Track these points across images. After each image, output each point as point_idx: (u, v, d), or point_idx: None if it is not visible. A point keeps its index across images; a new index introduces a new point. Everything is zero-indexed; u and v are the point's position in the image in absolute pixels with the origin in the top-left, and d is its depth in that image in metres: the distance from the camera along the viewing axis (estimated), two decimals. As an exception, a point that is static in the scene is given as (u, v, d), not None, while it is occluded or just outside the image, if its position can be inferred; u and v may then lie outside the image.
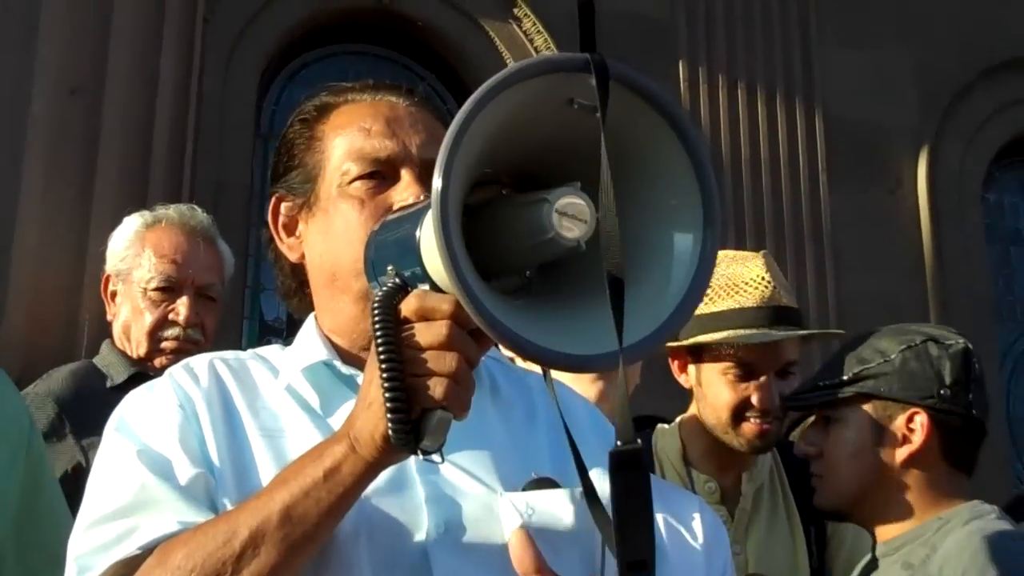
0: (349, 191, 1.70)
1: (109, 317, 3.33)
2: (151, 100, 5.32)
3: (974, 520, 2.37)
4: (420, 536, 1.52)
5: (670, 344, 2.89)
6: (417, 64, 6.95)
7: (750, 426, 2.82)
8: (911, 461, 2.44)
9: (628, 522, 1.28)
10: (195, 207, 3.41)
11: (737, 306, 2.83)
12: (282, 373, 1.71)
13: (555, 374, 1.77)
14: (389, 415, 1.31)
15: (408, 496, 1.55)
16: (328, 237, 1.71)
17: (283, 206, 1.80)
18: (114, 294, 3.30)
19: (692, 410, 2.99)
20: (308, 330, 1.77)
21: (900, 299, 7.14)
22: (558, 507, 1.58)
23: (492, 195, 1.44)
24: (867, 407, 2.47)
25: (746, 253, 3.02)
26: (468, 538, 1.53)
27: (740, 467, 2.92)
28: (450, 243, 1.24)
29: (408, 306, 1.35)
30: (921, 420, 2.44)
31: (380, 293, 1.37)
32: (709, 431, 2.89)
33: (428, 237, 1.35)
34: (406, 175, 1.68)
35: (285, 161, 1.81)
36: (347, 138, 1.73)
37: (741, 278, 2.89)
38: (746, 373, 2.82)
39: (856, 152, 7.27)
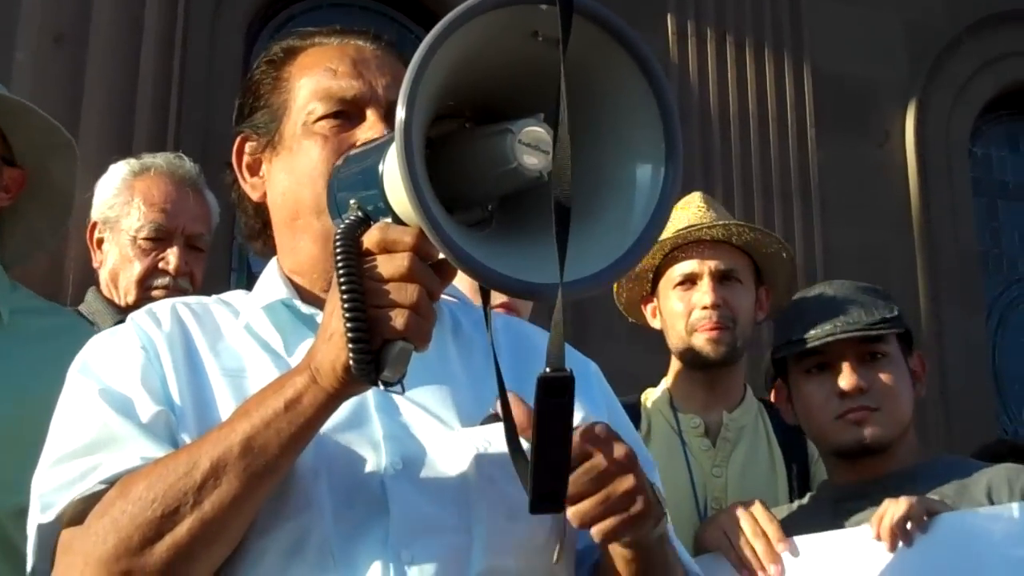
0: (314, 129, 1.71)
1: (95, 264, 3.29)
2: (135, 49, 5.30)
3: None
4: (378, 471, 1.54)
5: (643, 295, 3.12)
6: (405, 17, 6.91)
7: (701, 333, 2.96)
8: (917, 398, 2.59)
9: (545, 452, 1.32)
10: (182, 156, 3.38)
11: (674, 229, 2.97)
12: (242, 313, 1.72)
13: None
14: (350, 345, 1.33)
15: (366, 433, 1.57)
16: (291, 175, 1.72)
17: (248, 146, 1.81)
18: (100, 241, 3.26)
19: (672, 361, 3.12)
20: (270, 271, 1.78)
21: (888, 252, 7.18)
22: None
23: (455, 128, 1.44)
24: (896, 346, 2.61)
25: (686, 197, 3.18)
26: (425, 473, 1.56)
27: (723, 405, 3.03)
28: (413, 170, 1.25)
29: (370, 238, 1.37)
30: (923, 361, 2.64)
31: (342, 226, 1.38)
32: (687, 368, 3.03)
33: (391, 168, 1.36)
34: (371, 115, 1.69)
35: (251, 102, 1.81)
36: (313, 78, 1.74)
37: (679, 209, 3.06)
38: (689, 282, 2.98)
39: (844, 106, 7.27)
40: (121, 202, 3.19)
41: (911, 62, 7.55)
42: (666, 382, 3.12)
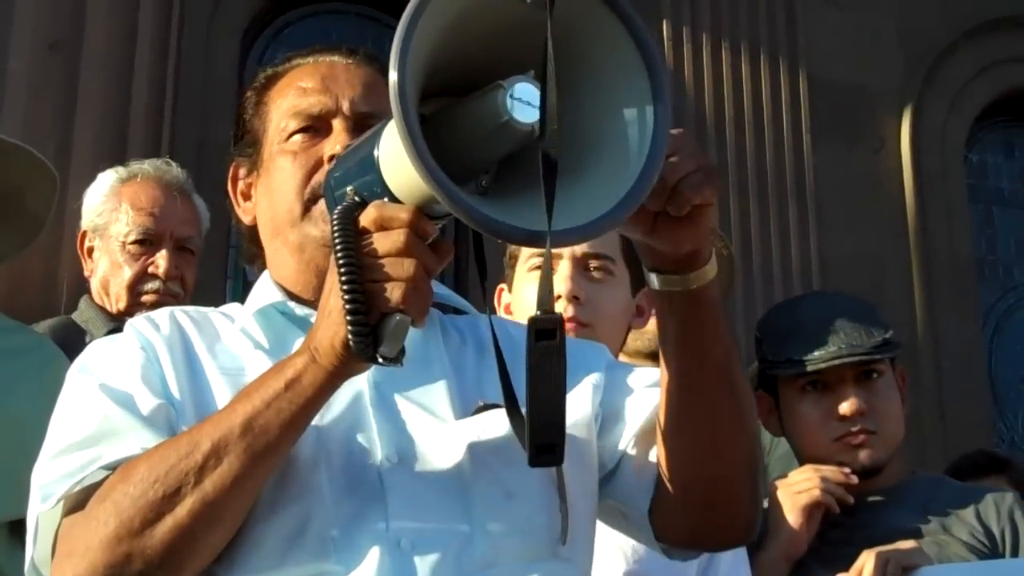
0: (286, 147, 1.76)
1: (86, 273, 3.32)
2: (130, 56, 5.31)
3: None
4: (374, 464, 1.56)
5: None
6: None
7: (651, 322, 2.86)
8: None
9: (540, 401, 1.34)
10: (170, 161, 3.42)
11: None
12: (237, 319, 1.75)
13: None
14: (348, 318, 1.35)
15: (362, 429, 1.59)
16: (269, 193, 1.77)
17: (240, 172, 1.86)
18: (91, 250, 3.29)
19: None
20: (262, 280, 1.81)
21: (883, 259, 7.17)
22: (508, 428, 1.60)
23: (447, 104, 1.45)
24: (888, 364, 2.62)
25: None
26: (420, 465, 1.58)
27: None
28: (411, 125, 1.26)
29: (367, 216, 1.39)
30: (904, 375, 2.65)
31: (339, 208, 1.41)
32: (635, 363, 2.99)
33: (388, 146, 1.39)
34: (337, 125, 1.74)
35: (238, 130, 1.87)
36: (286, 99, 1.79)
37: None
38: None
39: (840, 112, 7.26)
40: (109, 209, 3.22)
41: (907, 68, 7.55)
42: None
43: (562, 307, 2.39)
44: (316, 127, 1.75)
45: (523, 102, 1.32)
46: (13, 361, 2.50)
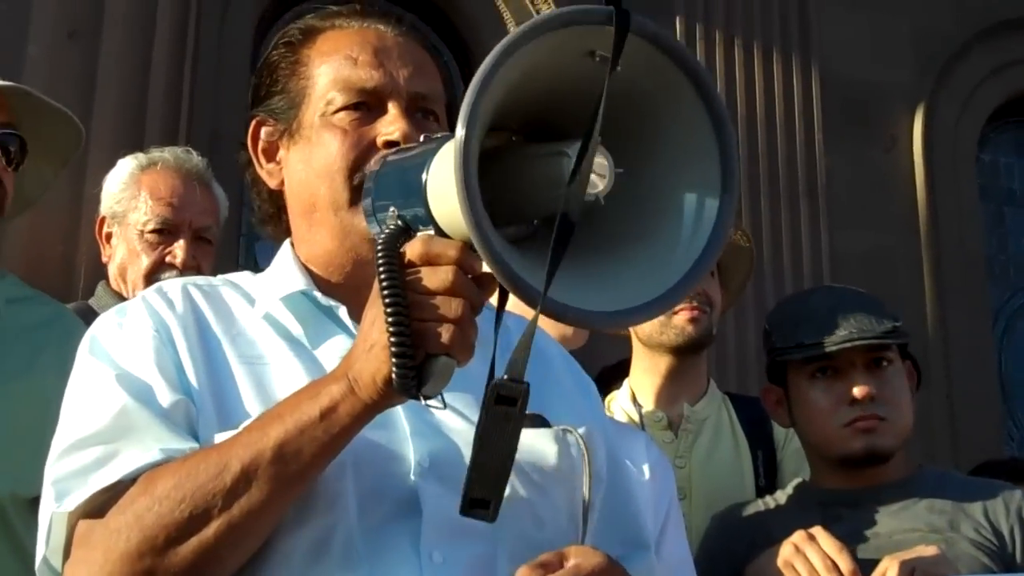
0: (333, 121, 1.67)
1: (104, 259, 3.33)
2: (148, 44, 5.29)
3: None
4: (406, 470, 1.53)
5: None
6: (415, 17, 6.90)
7: (681, 314, 2.95)
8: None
9: (486, 458, 1.31)
10: (190, 150, 3.40)
11: None
12: (259, 302, 1.69)
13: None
14: (394, 360, 1.31)
15: (393, 431, 1.55)
16: (309, 167, 1.69)
17: (263, 130, 1.77)
18: (109, 236, 3.29)
19: (635, 356, 3.12)
20: (284, 257, 1.75)
21: (894, 257, 7.16)
22: (542, 446, 1.59)
23: (501, 142, 1.42)
24: (898, 354, 2.62)
25: None
26: (453, 473, 1.50)
27: (685, 398, 3.05)
28: (471, 191, 1.23)
29: (413, 250, 1.34)
30: (914, 370, 2.64)
31: (383, 236, 1.36)
32: (657, 354, 3.03)
33: (438, 180, 1.34)
34: (393, 108, 1.66)
35: (268, 85, 1.77)
36: (333, 66, 1.70)
37: None
38: None
39: (852, 110, 7.25)
40: (128, 196, 3.23)
41: (919, 68, 7.54)
42: (628, 381, 3.12)
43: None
44: (368, 104, 1.67)
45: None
46: (34, 334, 2.50)
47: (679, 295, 1.35)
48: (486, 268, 1.35)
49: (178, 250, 3.18)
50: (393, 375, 1.31)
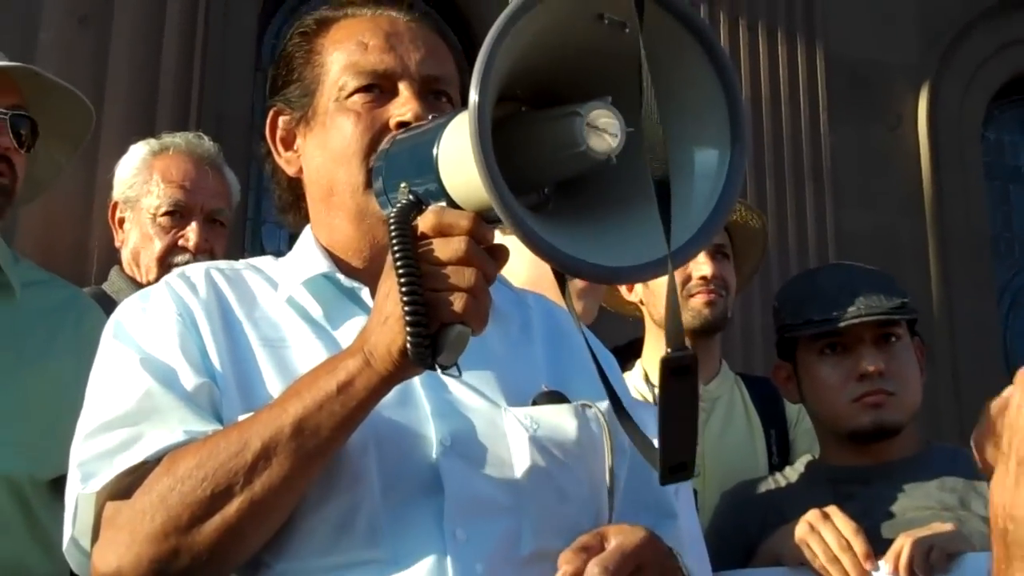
0: (347, 105, 1.69)
1: (117, 244, 3.34)
2: (159, 29, 5.31)
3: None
4: (428, 448, 1.54)
5: None
6: (421, 2, 6.91)
7: (698, 297, 3.00)
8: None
9: (673, 427, 1.30)
10: (202, 135, 3.41)
11: None
12: (281, 285, 1.71)
13: (540, 290, 1.81)
14: (408, 328, 1.32)
15: (414, 409, 1.56)
16: (325, 152, 1.71)
17: (281, 120, 1.80)
18: (122, 221, 3.30)
19: (648, 337, 3.14)
20: (306, 242, 1.76)
21: (899, 236, 7.18)
22: (562, 421, 1.61)
23: (510, 111, 1.43)
24: (907, 331, 2.63)
25: None
26: (475, 451, 1.55)
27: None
28: (488, 155, 1.24)
29: (426, 221, 1.35)
30: (922, 347, 2.64)
31: (395, 209, 1.37)
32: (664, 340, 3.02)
33: (450, 151, 1.36)
34: (404, 90, 1.68)
35: (284, 75, 1.80)
36: (345, 52, 1.72)
37: None
38: None
39: (856, 89, 7.25)
40: (140, 181, 3.24)
41: (924, 46, 7.54)
42: (641, 361, 3.13)
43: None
44: (380, 87, 1.69)
45: (599, 130, 1.30)
46: (50, 318, 2.53)
47: (689, 254, 1.37)
48: (498, 238, 1.37)
49: (191, 233, 3.19)
50: (408, 345, 1.32)
